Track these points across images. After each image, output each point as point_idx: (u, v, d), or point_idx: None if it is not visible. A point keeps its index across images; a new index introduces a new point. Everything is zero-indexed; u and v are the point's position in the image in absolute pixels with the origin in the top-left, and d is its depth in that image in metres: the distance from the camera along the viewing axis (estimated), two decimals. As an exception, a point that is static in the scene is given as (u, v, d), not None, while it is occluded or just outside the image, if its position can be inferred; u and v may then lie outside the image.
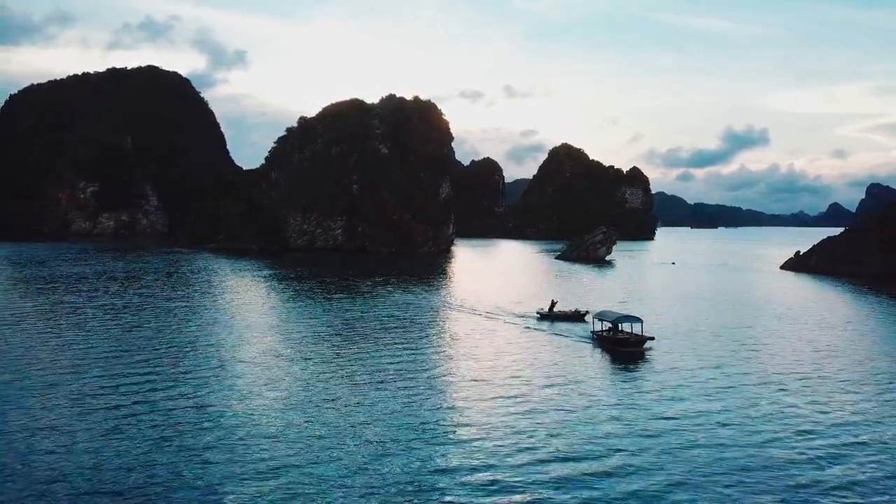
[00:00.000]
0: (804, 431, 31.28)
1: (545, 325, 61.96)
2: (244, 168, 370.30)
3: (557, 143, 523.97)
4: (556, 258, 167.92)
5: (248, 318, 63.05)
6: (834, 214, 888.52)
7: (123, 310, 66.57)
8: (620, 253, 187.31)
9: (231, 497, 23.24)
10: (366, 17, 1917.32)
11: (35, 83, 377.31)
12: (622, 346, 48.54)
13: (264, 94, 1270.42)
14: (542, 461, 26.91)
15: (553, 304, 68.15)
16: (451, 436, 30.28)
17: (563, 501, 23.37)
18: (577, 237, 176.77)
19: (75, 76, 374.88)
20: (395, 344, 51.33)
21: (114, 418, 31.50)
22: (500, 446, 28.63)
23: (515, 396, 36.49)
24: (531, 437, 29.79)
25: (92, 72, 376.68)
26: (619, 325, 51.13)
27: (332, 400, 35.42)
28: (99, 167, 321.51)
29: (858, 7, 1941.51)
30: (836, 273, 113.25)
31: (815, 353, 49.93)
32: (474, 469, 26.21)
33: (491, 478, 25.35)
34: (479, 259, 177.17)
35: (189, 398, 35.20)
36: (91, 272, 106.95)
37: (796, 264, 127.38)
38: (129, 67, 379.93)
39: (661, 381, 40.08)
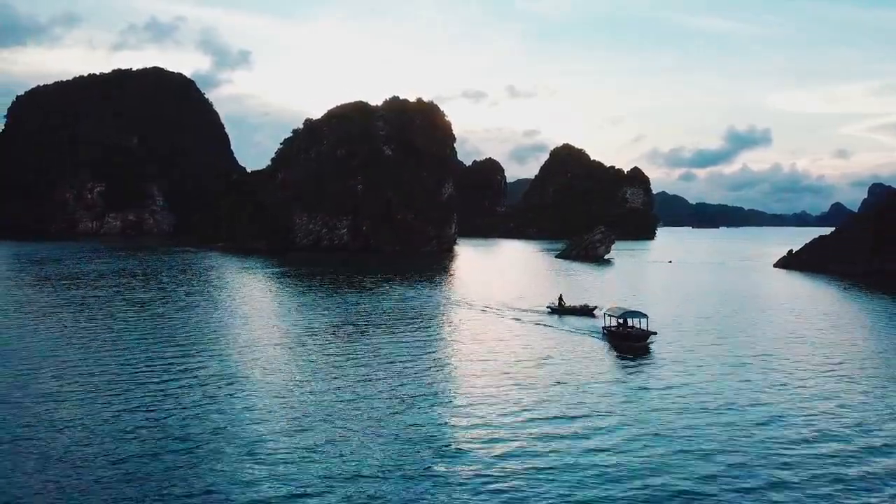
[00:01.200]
0: (783, 412, 35.02)
1: (555, 319, 64.41)
2: (247, 167, 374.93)
3: (560, 143, 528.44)
4: (557, 257, 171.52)
5: (263, 311, 67.03)
6: (836, 214, 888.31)
7: (150, 302, 70.94)
8: (620, 252, 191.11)
9: (243, 480, 24.86)
10: (368, 18, 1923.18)
11: (41, 84, 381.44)
12: (627, 341, 51.41)
13: (267, 95, 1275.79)
14: (555, 444, 29.11)
15: (560, 298, 71.23)
16: (462, 418, 33.87)
17: (571, 482, 25.71)
18: (577, 237, 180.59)
19: (81, 77, 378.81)
20: (407, 334, 55.06)
21: (140, 399, 35.56)
22: (510, 426, 31.68)
23: (530, 385, 38.99)
24: (542, 420, 32.46)
25: (98, 73, 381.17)
26: (628, 320, 53.81)
27: (344, 382, 39.31)
28: (105, 167, 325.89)
29: (861, 6, 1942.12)
30: (825, 271, 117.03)
31: (793, 340, 53.86)
32: (483, 451, 28.36)
33: (499, 458, 27.42)
34: (482, 258, 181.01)
35: (208, 381, 39.14)
36: (109, 270, 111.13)
37: (788, 263, 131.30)
38: (134, 69, 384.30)
39: (662, 371, 43.27)
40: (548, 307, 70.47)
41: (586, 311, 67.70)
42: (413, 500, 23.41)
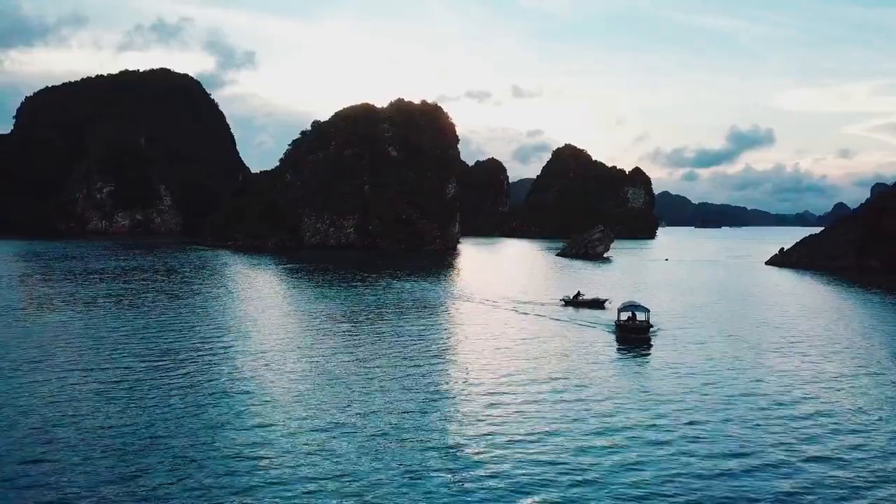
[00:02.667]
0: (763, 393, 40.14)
1: (559, 312, 68.59)
2: (251, 167, 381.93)
3: (563, 142, 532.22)
4: (557, 255, 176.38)
5: (281, 302, 72.45)
6: (838, 214, 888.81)
7: (180, 293, 77.02)
8: (620, 250, 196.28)
9: (253, 470, 25.49)
10: (372, 18, 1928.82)
11: (49, 85, 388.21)
12: (631, 333, 55.70)
13: (271, 95, 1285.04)
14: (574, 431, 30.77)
15: (578, 293, 76.38)
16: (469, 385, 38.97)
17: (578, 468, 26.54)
18: (577, 235, 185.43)
19: (89, 78, 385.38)
20: (422, 321, 60.37)
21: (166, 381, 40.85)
22: (520, 408, 35.14)
23: (545, 371, 42.77)
24: (551, 400, 36.39)
25: (106, 74, 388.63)
26: (635, 313, 57.73)
27: (359, 359, 44.42)
28: (114, 167, 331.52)
29: (865, 5, 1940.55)
30: (813, 267, 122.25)
31: (767, 327, 59.16)
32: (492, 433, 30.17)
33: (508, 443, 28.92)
34: (486, 256, 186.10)
35: (230, 365, 44.38)
36: (131, 266, 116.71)
37: (779, 260, 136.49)
38: (141, 70, 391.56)
39: (658, 357, 48.06)
40: (562, 300, 75.55)
41: (598, 304, 72.64)
42: (422, 471, 25.78)
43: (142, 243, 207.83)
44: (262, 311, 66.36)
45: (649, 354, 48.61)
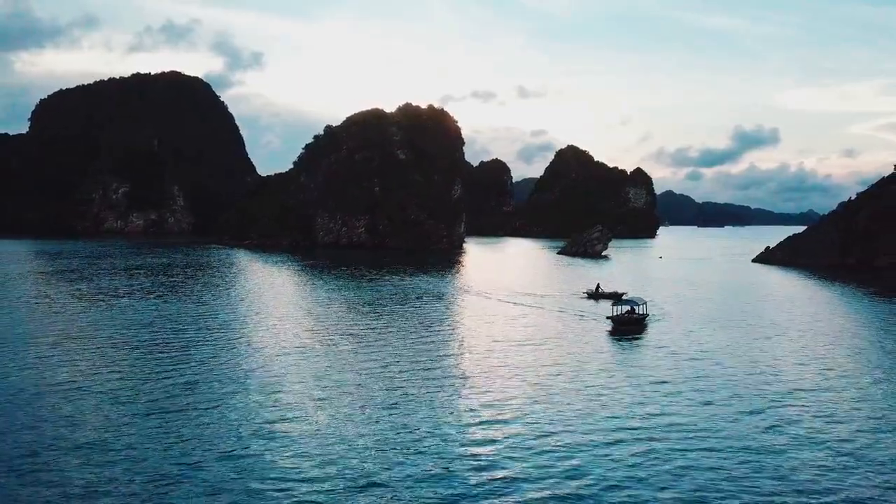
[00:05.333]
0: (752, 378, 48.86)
1: (575, 305, 75.05)
2: (258, 167, 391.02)
3: (567, 142, 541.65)
4: (558, 253, 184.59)
5: (309, 294, 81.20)
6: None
7: (220, 285, 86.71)
8: (619, 249, 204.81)
9: (261, 465, 25.93)
10: (379, 18, 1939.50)
11: (61, 88, 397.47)
12: (620, 325, 61.22)
13: (277, 96, 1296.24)
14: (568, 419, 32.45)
15: (598, 286, 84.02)
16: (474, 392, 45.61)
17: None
18: (577, 234, 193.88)
19: (102, 81, 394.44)
20: (434, 315, 68.63)
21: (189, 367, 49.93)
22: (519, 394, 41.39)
23: (545, 357, 47.35)
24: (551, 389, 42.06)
25: (117, 76, 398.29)
26: (634, 308, 63.21)
27: (365, 361, 50.09)
28: (128, 169, 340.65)
29: (870, 4, 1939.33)
30: (796, 264, 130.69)
31: (753, 318, 67.86)
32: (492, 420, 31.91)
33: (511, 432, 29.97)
34: (490, 254, 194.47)
35: (247, 353, 53.04)
36: (162, 263, 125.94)
37: (765, 258, 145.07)
38: (152, 72, 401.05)
39: (650, 342, 56.72)
40: (584, 292, 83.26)
41: (616, 297, 78.75)
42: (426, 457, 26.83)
43: (160, 243, 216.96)
44: (293, 300, 75.44)
45: (641, 339, 55.55)
